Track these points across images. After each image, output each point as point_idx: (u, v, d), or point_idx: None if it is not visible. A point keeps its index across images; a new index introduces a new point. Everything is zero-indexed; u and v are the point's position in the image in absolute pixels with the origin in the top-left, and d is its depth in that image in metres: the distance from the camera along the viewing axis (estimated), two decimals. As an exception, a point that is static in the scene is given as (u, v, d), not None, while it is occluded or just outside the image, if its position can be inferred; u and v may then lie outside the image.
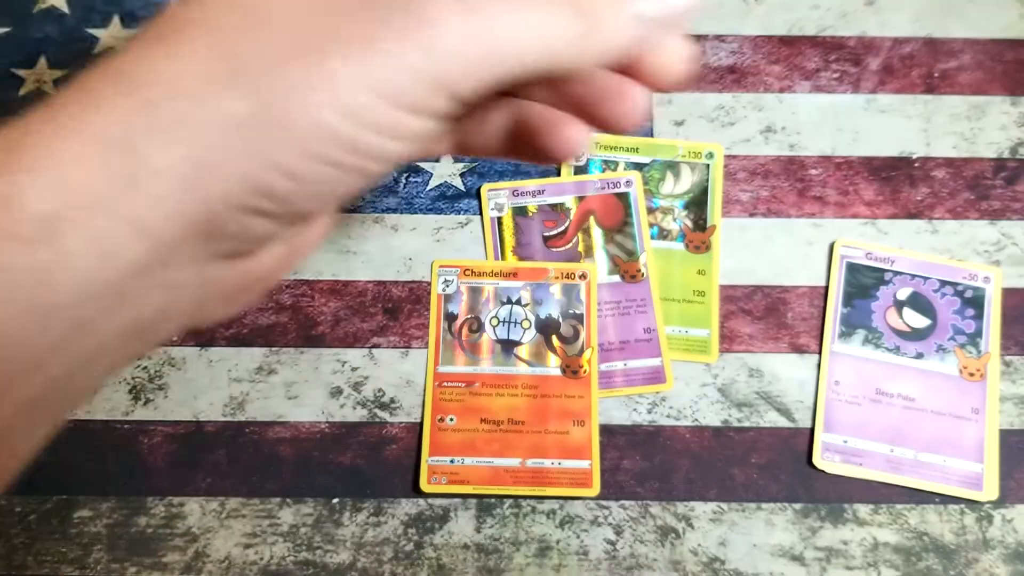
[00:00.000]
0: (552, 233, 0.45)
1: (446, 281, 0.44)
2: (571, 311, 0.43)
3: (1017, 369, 0.42)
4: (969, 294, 0.43)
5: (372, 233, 0.45)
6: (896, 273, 0.44)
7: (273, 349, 0.42)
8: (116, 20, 0.48)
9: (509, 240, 0.44)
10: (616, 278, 0.44)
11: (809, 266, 0.44)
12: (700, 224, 0.45)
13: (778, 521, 0.40)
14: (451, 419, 0.41)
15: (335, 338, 0.43)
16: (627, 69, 0.20)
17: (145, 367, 0.42)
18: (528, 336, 0.43)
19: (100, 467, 0.40)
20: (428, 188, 0.45)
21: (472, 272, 0.44)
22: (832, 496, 0.40)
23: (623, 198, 0.45)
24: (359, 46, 0.17)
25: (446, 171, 0.46)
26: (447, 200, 0.45)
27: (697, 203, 0.45)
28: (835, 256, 0.44)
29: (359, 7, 0.17)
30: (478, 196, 0.45)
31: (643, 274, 0.44)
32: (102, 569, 0.39)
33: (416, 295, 0.44)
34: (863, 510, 0.40)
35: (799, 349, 0.43)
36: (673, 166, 0.46)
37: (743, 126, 0.46)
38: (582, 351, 0.42)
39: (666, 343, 0.43)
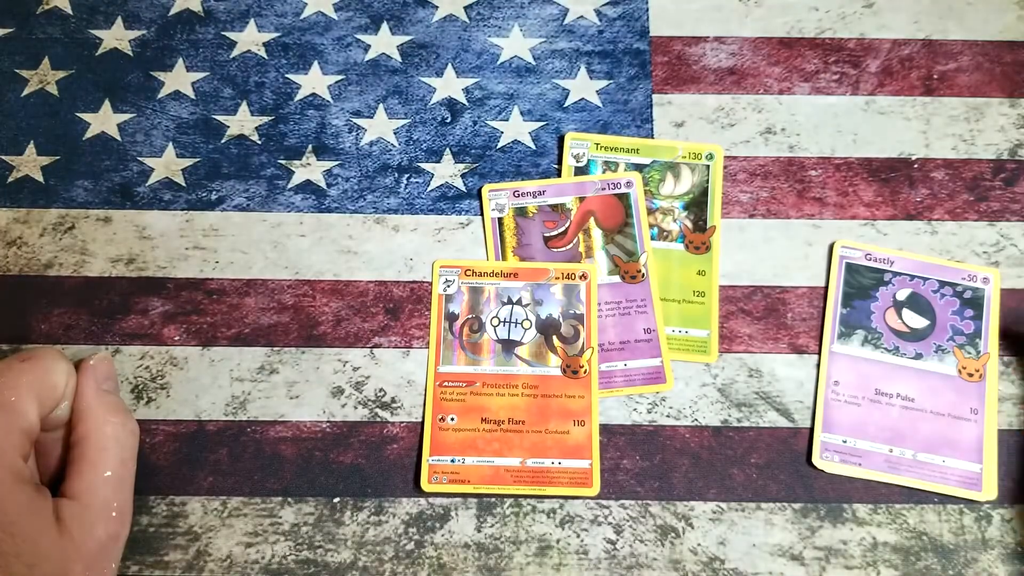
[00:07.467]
0: (553, 234, 0.45)
1: (447, 281, 0.44)
2: (571, 311, 0.43)
3: (1016, 370, 0.42)
4: (968, 295, 0.43)
5: (373, 233, 0.45)
6: (895, 274, 0.44)
7: (275, 349, 0.43)
8: (119, 21, 0.49)
9: (510, 240, 0.45)
10: (616, 278, 0.44)
11: (808, 267, 0.44)
12: (700, 225, 0.45)
13: (777, 521, 0.40)
14: (452, 419, 0.41)
15: (336, 338, 0.43)
16: None
17: (147, 367, 0.42)
18: (529, 336, 0.43)
19: (102, 466, 0.41)
20: (429, 189, 0.46)
21: (473, 272, 0.44)
22: (831, 496, 0.41)
23: (623, 199, 0.45)
24: None
25: (447, 172, 0.46)
26: (448, 200, 0.45)
27: (697, 204, 0.45)
28: (834, 257, 0.44)
29: None
30: (479, 197, 0.45)
31: (643, 274, 0.44)
32: (104, 567, 0.39)
33: (417, 295, 0.44)
34: (862, 510, 0.40)
35: (798, 349, 0.43)
36: (673, 167, 0.46)
37: (743, 127, 0.47)
38: (582, 351, 0.42)
39: (666, 343, 0.43)
